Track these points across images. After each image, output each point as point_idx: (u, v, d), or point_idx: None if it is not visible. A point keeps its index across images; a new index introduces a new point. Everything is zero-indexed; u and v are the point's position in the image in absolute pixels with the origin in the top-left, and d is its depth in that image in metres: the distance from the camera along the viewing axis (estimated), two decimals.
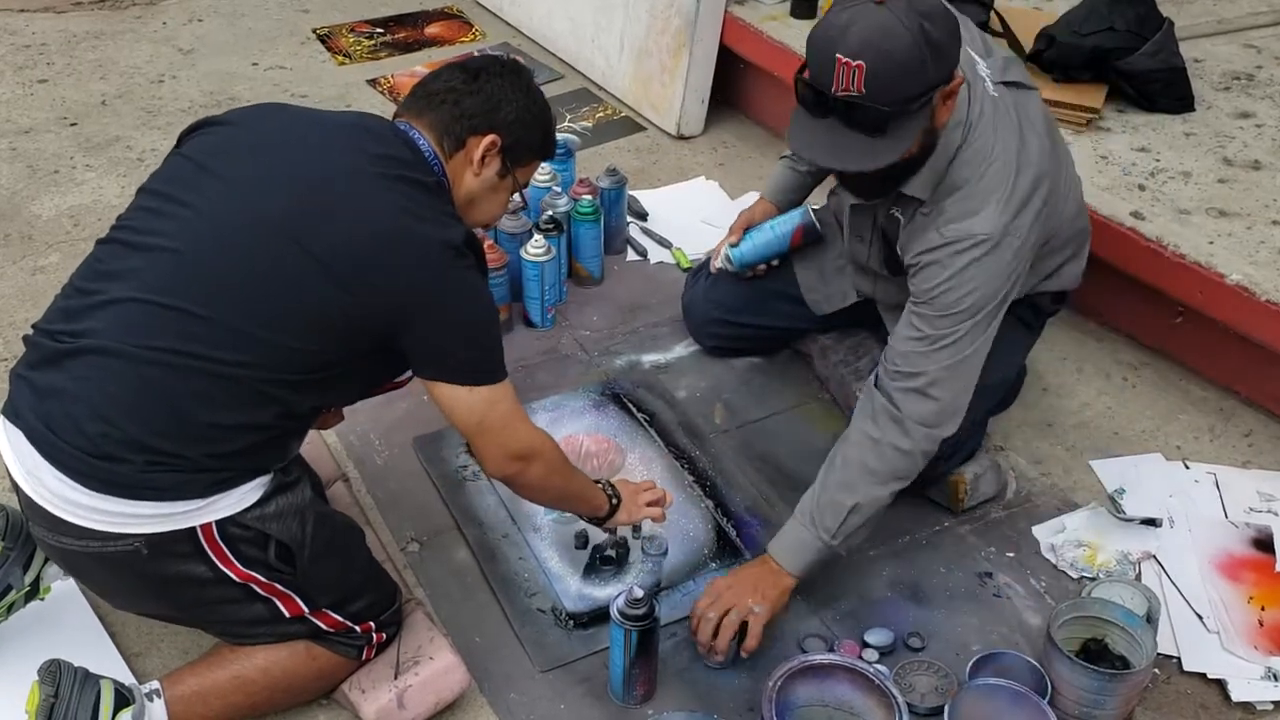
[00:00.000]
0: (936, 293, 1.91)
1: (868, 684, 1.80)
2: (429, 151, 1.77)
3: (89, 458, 1.56)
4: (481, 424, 1.76)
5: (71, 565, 1.71)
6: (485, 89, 1.81)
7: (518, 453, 1.80)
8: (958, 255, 1.89)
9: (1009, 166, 1.91)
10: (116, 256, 1.66)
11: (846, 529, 1.95)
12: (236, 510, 1.64)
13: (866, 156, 1.78)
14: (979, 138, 1.91)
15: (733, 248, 2.47)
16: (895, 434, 1.93)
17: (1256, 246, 2.46)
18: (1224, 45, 3.23)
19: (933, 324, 1.92)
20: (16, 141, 3.41)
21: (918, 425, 1.93)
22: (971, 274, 1.89)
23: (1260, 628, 2.03)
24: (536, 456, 1.83)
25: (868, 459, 1.94)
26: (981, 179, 1.90)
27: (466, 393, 1.73)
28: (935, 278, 1.91)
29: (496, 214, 1.94)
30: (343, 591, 1.79)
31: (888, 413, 1.94)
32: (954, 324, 1.91)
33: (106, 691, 1.65)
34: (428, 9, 4.28)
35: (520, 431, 1.80)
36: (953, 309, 1.91)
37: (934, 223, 1.93)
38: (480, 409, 1.74)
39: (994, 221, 1.89)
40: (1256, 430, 2.48)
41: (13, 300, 2.77)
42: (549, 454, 1.86)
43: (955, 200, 1.91)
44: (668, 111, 3.49)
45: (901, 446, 1.93)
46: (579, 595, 2.06)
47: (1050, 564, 2.15)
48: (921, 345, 1.93)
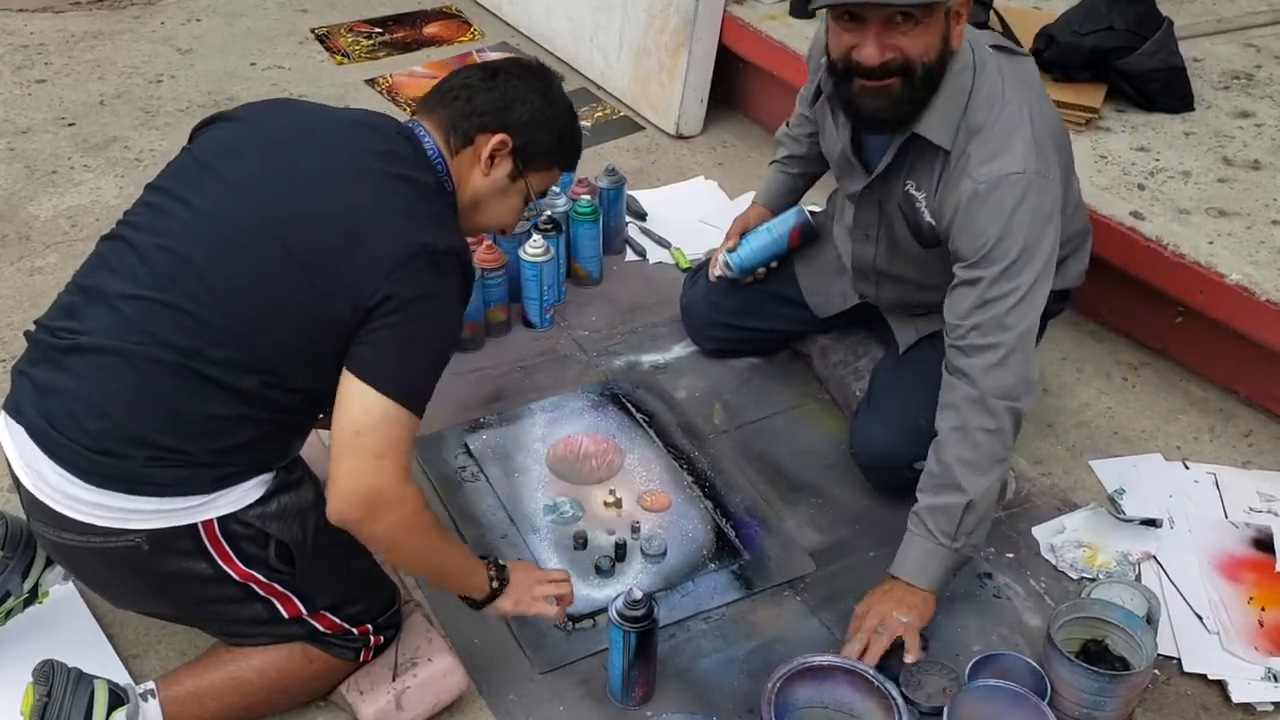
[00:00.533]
0: (989, 245, 1.87)
1: (867, 685, 1.80)
2: (432, 149, 1.74)
3: (90, 453, 1.56)
4: (360, 435, 1.57)
5: (72, 561, 1.71)
6: (501, 87, 1.77)
7: (372, 492, 1.58)
8: (999, 194, 1.86)
9: (1023, 110, 1.90)
10: (117, 253, 1.66)
11: (965, 529, 1.90)
12: (238, 507, 1.64)
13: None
14: (987, 81, 1.91)
15: (731, 253, 2.46)
16: (979, 416, 1.88)
17: (1256, 246, 2.46)
18: (1223, 44, 3.23)
19: (992, 285, 1.87)
20: (14, 142, 3.41)
21: (999, 400, 1.88)
22: (1019, 217, 1.86)
23: (1260, 628, 2.02)
24: (392, 508, 1.61)
25: (962, 452, 1.89)
26: (999, 120, 1.89)
27: (373, 396, 1.58)
28: (985, 229, 1.87)
29: (508, 219, 1.88)
30: (341, 594, 1.79)
31: (967, 397, 1.89)
32: (1014, 277, 1.86)
33: (100, 691, 1.65)
34: (426, 9, 4.28)
35: (388, 473, 1.58)
36: (1009, 258, 1.86)
37: (964, 172, 1.90)
38: (372, 419, 1.57)
39: (1025, 159, 1.87)
40: (1256, 430, 2.48)
41: (10, 301, 2.76)
42: (409, 511, 1.64)
43: (979, 144, 1.89)
44: (666, 111, 3.48)
45: (988, 427, 1.88)
46: (578, 596, 2.05)
47: (1050, 565, 2.15)
48: (987, 312, 1.88)
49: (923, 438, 2.03)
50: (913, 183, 2.01)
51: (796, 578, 2.12)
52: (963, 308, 1.91)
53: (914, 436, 2.05)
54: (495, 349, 2.64)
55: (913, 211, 2.04)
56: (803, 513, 2.25)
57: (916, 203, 2.02)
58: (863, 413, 2.26)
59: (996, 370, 1.88)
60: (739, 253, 2.46)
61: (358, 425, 1.58)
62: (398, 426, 1.60)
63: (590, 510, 2.23)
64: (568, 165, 1.91)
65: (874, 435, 2.18)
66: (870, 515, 2.24)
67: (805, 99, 2.34)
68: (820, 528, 2.22)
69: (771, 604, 2.07)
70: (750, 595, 2.08)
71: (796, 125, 2.46)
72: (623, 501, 2.24)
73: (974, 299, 1.90)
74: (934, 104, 1.91)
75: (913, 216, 2.05)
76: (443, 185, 1.75)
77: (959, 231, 1.91)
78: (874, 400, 2.25)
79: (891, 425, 2.14)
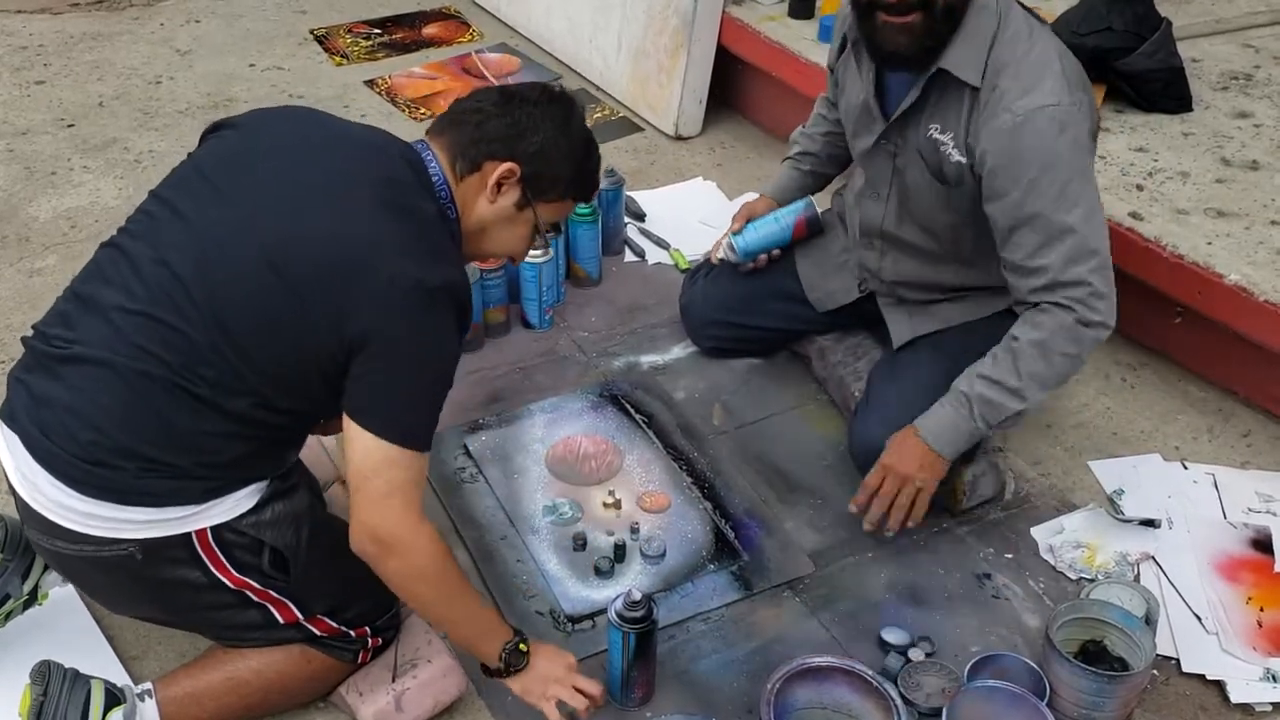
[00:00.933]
0: (1036, 176, 1.90)
1: (866, 686, 1.80)
2: (436, 174, 1.71)
3: (83, 464, 1.56)
4: (366, 479, 1.57)
5: (67, 570, 1.71)
6: (514, 114, 1.72)
7: (379, 534, 1.59)
8: (1040, 127, 1.89)
9: (1050, 49, 1.94)
10: (112, 262, 1.65)
11: (1006, 425, 2.05)
12: (232, 516, 1.64)
13: None
14: (1013, 22, 1.95)
15: (736, 235, 2.48)
16: (1065, 342, 1.96)
17: (1255, 246, 2.46)
18: (1222, 45, 3.23)
19: (1053, 215, 1.90)
20: (14, 143, 3.41)
21: (1087, 331, 1.96)
22: (1062, 146, 1.89)
23: (1259, 629, 2.03)
24: (398, 553, 1.60)
25: (1036, 368, 1.97)
26: (1029, 57, 1.92)
27: (371, 440, 1.57)
28: (1030, 160, 1.90)
29: (515, 248, 1.84)
30: (338, 598, 1.78)
31: (1059, 323, 1.95)
32: (1071, 205, 1.90)
33: (97, 691, 1.66)
34: (425, 9, 4.28)
35: (394, 512, 1.58)
36: (1058, 187, 1.89)
37: (1000, 106, 1.92)
38: (373, 462, 1.57)
39: (1059, 92, 1.90)
40: (1255, 431, 2.48)
41: (9, 303, 2.77)
42: (420, 559, 1.62)
43: (1010, 79, 1.92)
44: (665, 112, 3.49)
45: (1070, 352, 1.97)
46: (577, 597, 2.06)
47: (1049, 565, 2.15)
48: (1060, 244, 1.92)
49: None
50: (937, 125, 2.03)
51: (795, 579, 2.12)
52: (1030, 246, 1.94)
53: None
54: (494, 350, 2.64)
55: (935, 156, 2.05)
56: (802, 514, 2.26)
57: (941, 146, 2.03)
58: (860, 413, 2.26)
59: (1091, 298, 1.94)
60: (744, 235, 2.47)
61: (362, 469, 1.58)
62: (400, 468, 1.58)
63: (589, 511, 2.23)
64: (583, 197, 1.86)
65: (871, 435, 2.18)
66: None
67: (824, 99, 2.42)
68: (819, 529, 2.22)
69: (771, 605, 2.07)
70: (749, 596, 2.08)
71: (813, 125, 2.50)
72: (622, 502, 2.24)
73: (1039, 236, 1.93)
74: (957, 41, 1.94)
75: (935, 161, 2.06)
76: (444, 213, 1.71)
77: (1002, 167, 1.93)
78: (871, 400, 2.26)
79: (888, 425, 2.14)
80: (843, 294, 2.43)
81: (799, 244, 2.49)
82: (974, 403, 2.00)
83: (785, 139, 3.44)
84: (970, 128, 1.98)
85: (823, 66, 3.07)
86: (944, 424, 2.03)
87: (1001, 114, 1.91)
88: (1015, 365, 1.98)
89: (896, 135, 2.10)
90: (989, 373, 2.00)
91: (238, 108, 3.59)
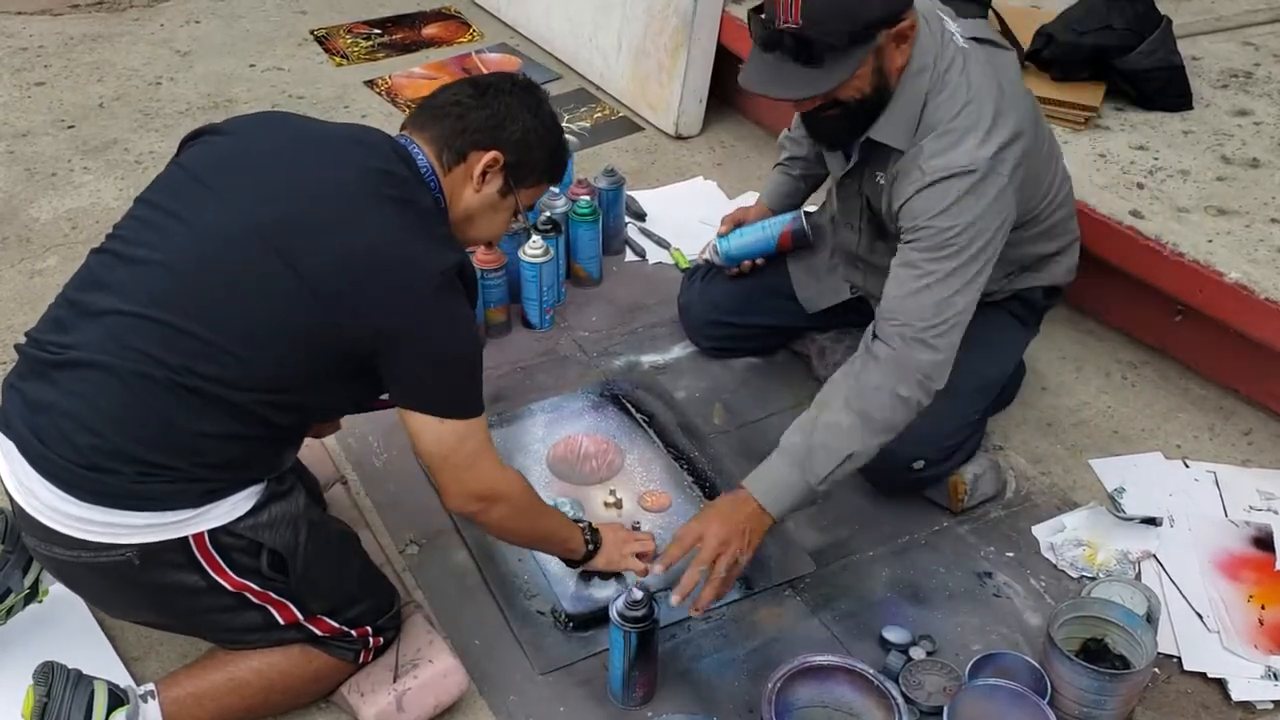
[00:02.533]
0: (927, 225, 1.91)
1: (867, 685, 1.80)
2: (426, 167, 1.74)
3: (79, 469, 1.56)
4: (447, 458, 1.71)
5: (65, 575, 1.71)
6: (492, 105, 1.77)
7: (479, 493, 1.76)
8: (944, 186, 1.90)
9: (985, 107, 1.93)
10: (106, 267, 1.65)
11: (835, 477, 1.93)
12: (229, 520, 1.63)
13: (803, 85, 1.86)
14: (951, 82, 1.94)
15: (721, 239, 2.49)
16: (900, 383, 1.90)
17: (1255, 245, 2.46)
18: (1222, 43, 3.23)
19: (928, 261, 1.91)
20: (14, 144, 3.41)
21: (917, 374, 1.91)
22: (960, 206, 1.90)
23: (1260, 626, 2.03)
24: (500, 499, 1.78)
25: (868, 406, 1.91)
26: (957, 117, 1.92)
27: (436, 423, 1.68)
28: (926, 211, 1.91)
29: (496, 233, 1.91)
30: (338, 598, 1.79)
31: (892, 359, 1.91)
32: (948, 258, 1.90)
33: (100, 692, 1.66)
34: (425, 10, 4.28)
35: (485, 471, 1.75)
36: (946, 242, 1.90)
37: (915, 162, 1.94)
38: (449, 442, 1.70)
39: (975, 154, 1.90)
40: (1256, 429, 2.48)
41: (10, 304, 2.77)
42: (515, 497, 1.81)
43: (933, 139, 1.93)
44: (665, 111, 3.49)
45: (901, 393, 1.90)
46: (578, 597, 2.06)
47: (1050, 563, 2.15)
48: (917, 285, 1.91)
49: (918, 435, 2.04)
50: (881, 173, 2.06)
51: (797, 577, 2.12)
52: (897, 284, 1.94)
53: (913, 437, 2.06)
54: (495, 350, 2.64)
55: (879, 198, 2.08)
56: (802, 513, 2.25)
57: (882, 192, 2.07)
58: None
59: (920, 346, 1.91)
60: (729, 240, 2.49)
61: (439, 452, 1.70)
62: (471, 437, 1.71)
63: (591, 511, 2.23)
64: (555, 180, 1.92)
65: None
66: (870, 515, 2.25)
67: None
68: (820, 527, 2.22)
69: (772, 604, 2.08)
70: (750, 595, 2.08)
71: (796, 128, 2.48)
72: (623, 502, 2.24)
73: (907, 275, 1.93)
74: (888, 111, 1.96)
75: (879, 203, 2.09)
76: (438, 203, 1.76)
77: (905, 212, 1.95)
78: None
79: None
80: (832, 295, 2.44)
81: (786, 254, 2.49)
82: (800, 454, 1.93)
83: None
84: (895, 181, 2.01)
85: None
86: (774, 479, 1.95)
87: (914, 170, 1.94)
88: (846, 404, 1.93)
89: (857, 176, 2.14)
90: (811, 416, 1.96)
91: (238, 108, 3.60)
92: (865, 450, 1.93)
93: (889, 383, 1.91)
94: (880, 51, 1.87)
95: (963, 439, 2.19)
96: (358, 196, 1.64)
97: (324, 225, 1.62)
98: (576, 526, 1.98)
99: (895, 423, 1.93)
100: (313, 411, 1.73)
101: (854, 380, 1.95)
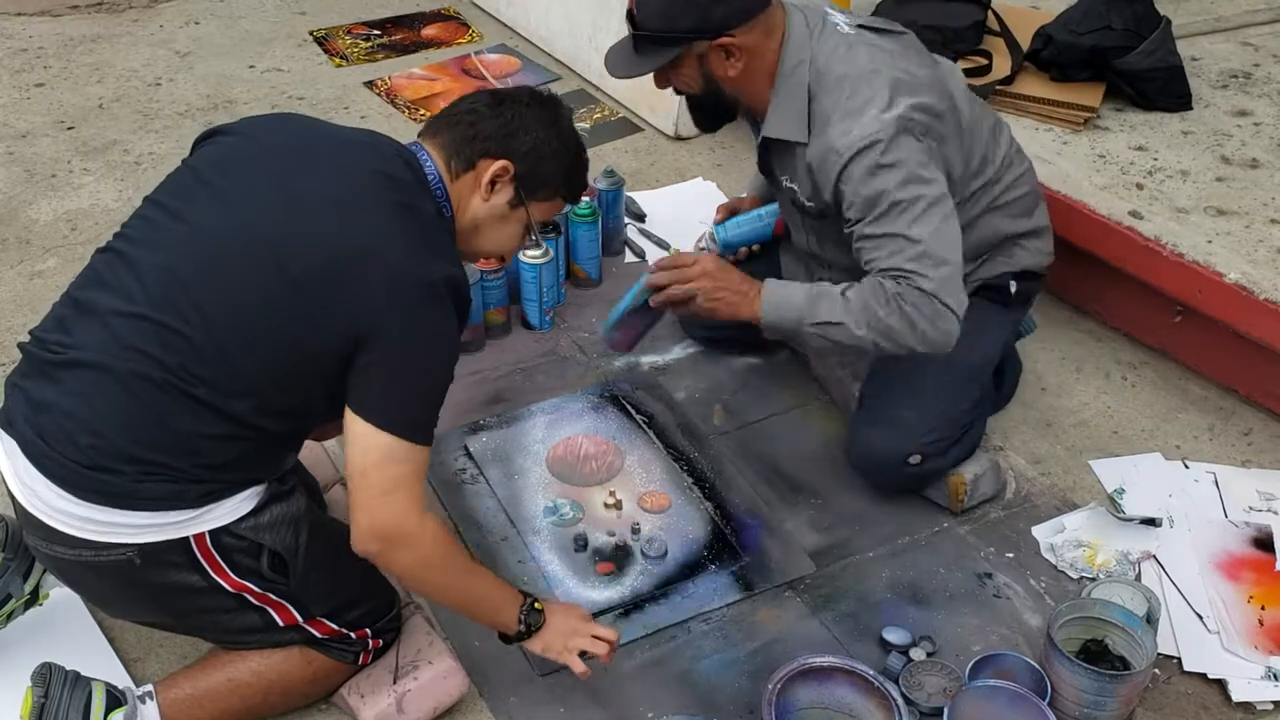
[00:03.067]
0: (865, 198, 1.95)
1: (868, 686, 1.80)
2: (432, 173, 1.73)
3: (81, 469, 1.56)
4: (366, 474, 1.58)
5: (66, 574, 1.71)
6: (507, 114, 1.76)
7: (383, 529, 1.60)
8: (861, 160, 1.95)
9: (878, 82, 1.99)
10: (110, 267, 1.65)
11: (819, 331, 2.02)
12: (230, 520, 1.64)
13: (626, 66, 2.07)
14: (835, 69, 2.01)
15: (718, 226, 2.51)
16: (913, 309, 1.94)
17: (1255, 245, 2.46)
18: (1221, 43, 3.23)
19: (883, 226, 1.95)
20: (14, 146, 3.41)
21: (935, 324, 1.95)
22: (885, 172, 1.94)
23: (1260, 627, 2.03)
24: (405, 545, 1.62)
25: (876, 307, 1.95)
26: (851, 98, 1.99)
27: (373, 433, 1.58)
28: (856, 190, 1.96)
29: (506, 247, 1.87)
30: (338, 600, 1.79)
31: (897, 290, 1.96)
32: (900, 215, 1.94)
33: (98, 693, 1.66)
34: (424, 10, 4.28)
35: (398, 506, 1.59)
36: (891, 205, 1.94)
37: (829, 147, 1.99)
38: (374, 457, 1.58)
39: (878, 120, 1.95)
40: (1256, 429, 2.48)
41: (10, 305, 2.77)
42: (425, 546, 1.64)
43: (837, 122, 1.99)
44: (665, 112, 3.48)
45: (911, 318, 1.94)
46: (578, 597, 2.06)
47: (1050, 564, 2.15)
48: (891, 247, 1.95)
49: (907, 426, 2.06)
50: (786, 176, 2.15)
51: (797, 578, 2.12)
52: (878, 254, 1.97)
53: (904, 431, 2.07)
54: (495, 351, 2.64)
55: (799, 194, 2.13)
56: (803, 513, 2.26)
57: (794, 195, 2.13)
58: (854, 421, 2.27)
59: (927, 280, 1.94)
60: (725, 227, 2.51)
61: (362, 465, 1.59)
62: (401, 462, 1.59)
63: (590, 512, 2.23)
64: (572, 197, 1.89)
65: (863, 433, 2.20)
66: (870, 516, 2.25)
67: None
68: (820, 528, 2.22)
69: (772, 605, 2.08)
70: (751, 596, 2.08)
71: None
72: (623, 503, 2.24)
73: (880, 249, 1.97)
74: (773, 106, 2.07)
75: (799, 204, 2.16)
76: (441, 211, 1.74)
77: (845, 201, 2.00)
78: (866, 399, 2.27)
79: (880, 422, 2.16)
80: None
81: (782, 240, 2.50)
82: (816, 294, 2.03)
83: None
84: (807, 175, 2.06)
85: None
86: (784, 294, 2.06)
87: (829, 155, 1.99)
88: (860, 292, 1.98)
89: (775, 180, 2.22)
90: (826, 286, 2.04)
91: (237, 109, 3.59)
92: (849, 335, 1.99)
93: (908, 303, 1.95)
94: (704, 58, 2.03)
95: (955, 432, 2.18)
96: (358, 199, 1.64)
97: (320, 228, 1.61)
98: (516, 598, 1.78)
99: (890, 332, 1.96)
100: (305, 419, 1.72)
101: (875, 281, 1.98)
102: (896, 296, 1.94)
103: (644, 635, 2.00)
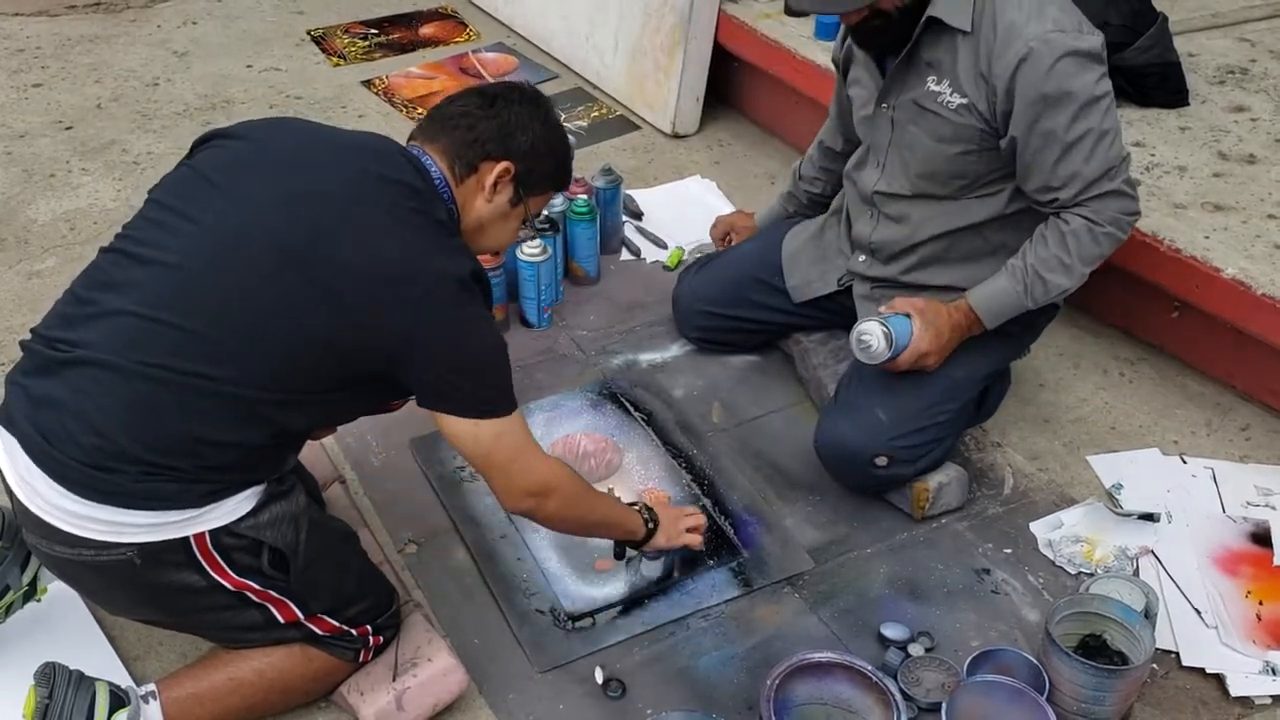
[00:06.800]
0: (1053, 96, 1.97)
1: (866, 682, 1.80)
2: (439, 178, 1.74)
3: (83, 467, 1.56)
4: (488, 458, 1.74)
5: (65, 574, 1.71)
6: (502, 115, 1.78)
7: (528, 488, 1.78)
8: (1050, 51, 1.95)
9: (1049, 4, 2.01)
10: (117, 266, 1.65)
11: (1046, 299, 2.13)
12: (230, 520, 1.64)
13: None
14: None
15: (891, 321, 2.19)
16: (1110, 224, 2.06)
17: (1252, 240, 2.46)
18: (1218, 39, 3.23)
19: (1075, 123, 1.98)
20: (12, 146, 3.41)
21: (1117, 214, 2.06)
22: (1072, 67, 1.97)
23: (1258, 622, 2.03)
24: (551, 492, 1.80)
25: (1087, 245, 2.06)
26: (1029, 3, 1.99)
27: (472, 425, 1.71)
28: (1042, 84, 1.96)
29: (505, 241, 1.92)
30: (338, 597, 1.79)
31: (1084, 222, 2.05)
32: (1088, 116, 1.99)
33: (101, 693, 1.66)
34: (422, 9, 4.28)
35: (530, 465, 1.77)
36: (1077, 102, 1.97)
37: (1009, 37, 1.98)
38: (486, 443, 1.72)
39: (1063, 20, 1.98)
40: (1254, 425, 2.48)
41: (8, 305, 2.77)
42: (564, 487, 1.82)
43: (1011, 10, 1.99)
44: (662, 110, 3.49)
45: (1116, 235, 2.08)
46: (577, 595, 2.06)
47: (1048, 560, 2.15)
48: (1080, 149, 2.00)
49: (876, 427, 2.07)
50: (933, 77, 2.10)
51: (795, 575, 2.12)
52: (1053, 157, 2.01)
53: (873, 430, 2.08)
54: None
55: (934, 105, 2.10)
56: (801, 510, 2.26)
57: (939, 96, 2.10)
58: (827, 409, 2.28)
59: (1118, 199, 2.06)
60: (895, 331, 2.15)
61: (480, 452, 1.73)
62: (506, 433, 1.74)
63: None
64: (562, 187, 1.95)
65: (830, 430, 2.20)
66: (868, 512, 2.25)
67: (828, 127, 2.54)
68: (818, 525, 2.23)
69: (770, 601, 2.08)
70: (749, 593, 2.09)
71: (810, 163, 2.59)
72: (621, 500, 2.24)
73: (1065, 149, 2.00)
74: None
75: (933, 110, 2.11)
76: (451, 213, 1.76)
77: (1017, 95, 1.99)
78: (839, 397, 2.28)
79: (848, 419, 2.17)
80: (820, 284, 2.44)
81: (793, 225, 2.50)
82: (1026, 277, 2.09)
83: (782, 136, 3.46)
84: (973, 68, 2.04)
85: (819, 64, 3.09)
86: (994, 297, 2.13)
87: (1014, 43, 1.98)
88: (1065, 244, 2.06)
89: (894, 95, 2.17)
90: (1041, 251, 2.09)
91: (235, 109, 3.60)
92: (1078, 283, 2.11)
93: (1104, 227, 2.05)
94: None
95: (926, 441, 2.16)
96: (377, 208, 1.65)
97: (342, 234, 1.61)
98: (631, 509, 2.00)
99: (1106, 254, 2.10)
100: (322, 414, 1.74)
101: (1079, 226, 2.06)
102: (1102, 233, 2.05)
103: (643, 632, 2.01)
